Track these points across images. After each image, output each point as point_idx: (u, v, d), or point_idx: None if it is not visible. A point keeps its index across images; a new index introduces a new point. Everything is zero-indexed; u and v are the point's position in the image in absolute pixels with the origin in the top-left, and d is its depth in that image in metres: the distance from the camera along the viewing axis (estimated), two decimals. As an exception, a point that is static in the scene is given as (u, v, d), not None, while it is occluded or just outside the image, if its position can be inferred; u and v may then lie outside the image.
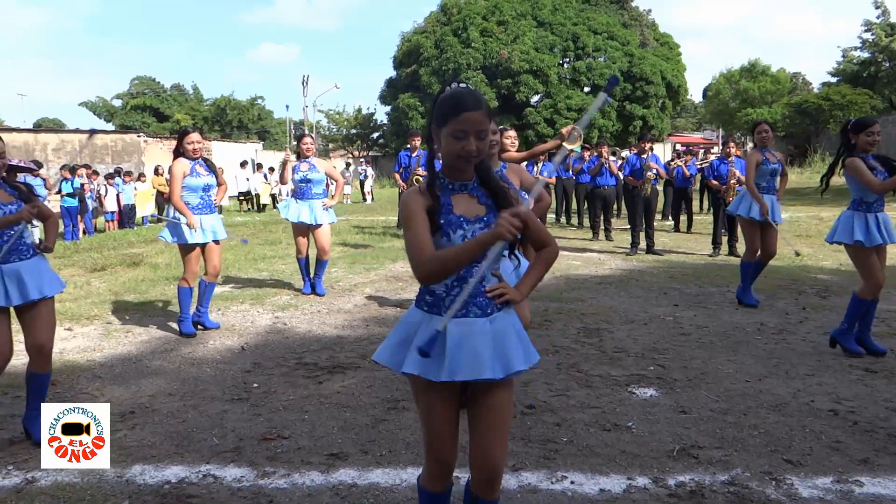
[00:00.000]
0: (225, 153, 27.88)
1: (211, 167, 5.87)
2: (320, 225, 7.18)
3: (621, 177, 11.13)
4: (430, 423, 2.19)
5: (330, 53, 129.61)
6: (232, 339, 5.64)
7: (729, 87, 41.65)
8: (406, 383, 4.44)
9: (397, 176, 10.99)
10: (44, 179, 14.22)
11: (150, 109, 51.92)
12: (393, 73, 42.31)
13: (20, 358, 5.11)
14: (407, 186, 10.53)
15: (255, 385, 4.50)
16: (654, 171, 10.08)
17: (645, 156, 10.10)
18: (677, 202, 13.88)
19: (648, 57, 39.43)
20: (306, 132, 7.66)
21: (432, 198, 2.06)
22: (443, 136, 2.05)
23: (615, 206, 14.48)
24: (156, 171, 20.21)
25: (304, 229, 7.25)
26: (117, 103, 53.65)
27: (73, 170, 15.84)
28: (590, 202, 12.74)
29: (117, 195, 17.23)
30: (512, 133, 4.61)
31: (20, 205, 3.49)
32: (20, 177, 15.75)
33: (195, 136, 5.76)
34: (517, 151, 4.63)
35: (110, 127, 45.73)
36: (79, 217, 15.06)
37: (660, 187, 11.18)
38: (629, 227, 10.65)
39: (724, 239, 10.25)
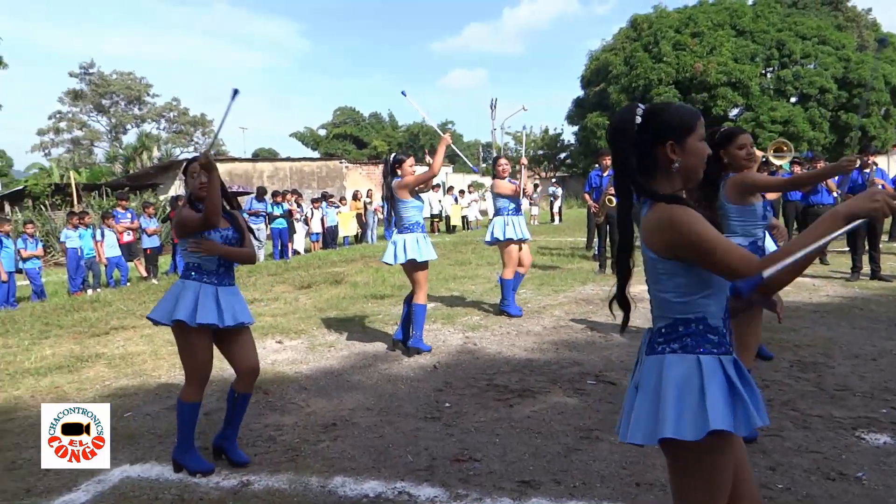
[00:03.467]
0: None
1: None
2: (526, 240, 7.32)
3: (838, 195, 10.06)
4: (724, 491, 1.87)
5: (516, 76, 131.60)
6: (425, 358, 5.78)
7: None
8: (598, 412, 4.28)
9: (587, 197, 10.77)
10: (264, 215, 15.72)
11: (350, 137, 55.83)
12: (580, 93, 41.95)
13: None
14: (598, 207, 10.28)
15: (447, 404, 4.55)
16: (881, 187, 9.00)
17: (868, 170, 9.05)
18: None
19: (868, 61, 35.62)
20: (501, 155, 7.76)
21: (714, 211, 1.95)
22: (690, 144, 1.91)
23: None
24: (354, 196, 21.51)
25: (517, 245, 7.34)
26: (322, 132, 58.29)
27: (283, 195, 17.32)
28: (801, 223, 11.65)
29: (322, 218, 18.59)
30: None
31: (232, 230, 3.67)
32: (246, 200, 17.49)
33: (411, 160, 6.01)
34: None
35: (316, 154, 49.58)
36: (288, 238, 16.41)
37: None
38: (849, 249, 9.57)
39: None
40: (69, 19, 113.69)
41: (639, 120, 1.95)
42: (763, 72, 37.15)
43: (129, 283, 12.40)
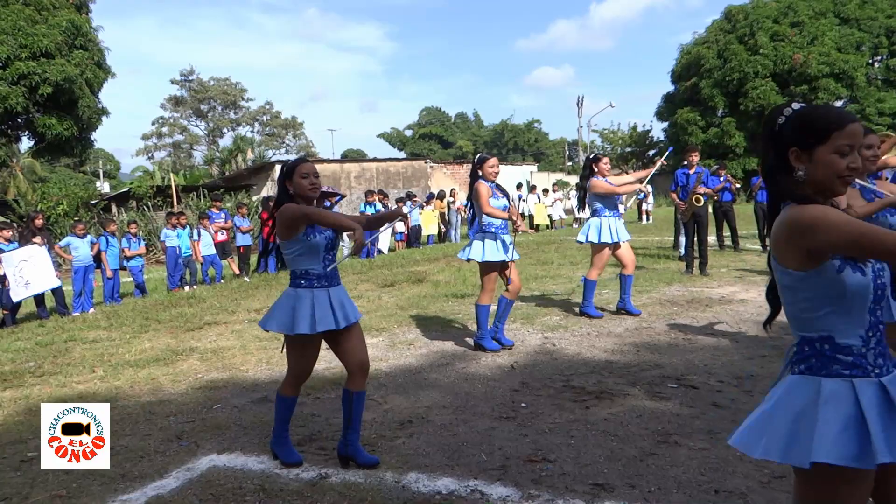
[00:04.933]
0: (501, 175, 29.08)
1: (503, 191, 6.10)
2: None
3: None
4: None
5: (604, 73, 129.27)
6: (502, 358, 5.79)
7: None
8: (678, 416, 4.17)
9: (674, 195, 10.48)
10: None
11: (435, 137, 56.37)
12: (670, 88, 40.77)
13: (318, 362, 5.77)
14: (685, 206, 9.98)
15: (523, 405, 4.55)
16: None
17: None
18: None
19: None
20: (602, 153, 7.64)
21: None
22: (820, 157, 1.78)
23: None
24: (438, 196, 21.70)
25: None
26: (408, 133, 59.12)
27: (374, 194, 17.69)
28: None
29: (407, 216, 18.87)
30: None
31: (332, 231, 3.66)
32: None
33: (495, 161, 6.04)
34: None
35: (402, 155, 50.33)
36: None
37: None
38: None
39: None
40: (171, 30, 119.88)
41: (782, 119, 1.87)
42: (870, 61, 35.05)
43: (222, 281, 12.96)
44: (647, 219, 24.96)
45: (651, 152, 46.18)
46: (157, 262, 19.51)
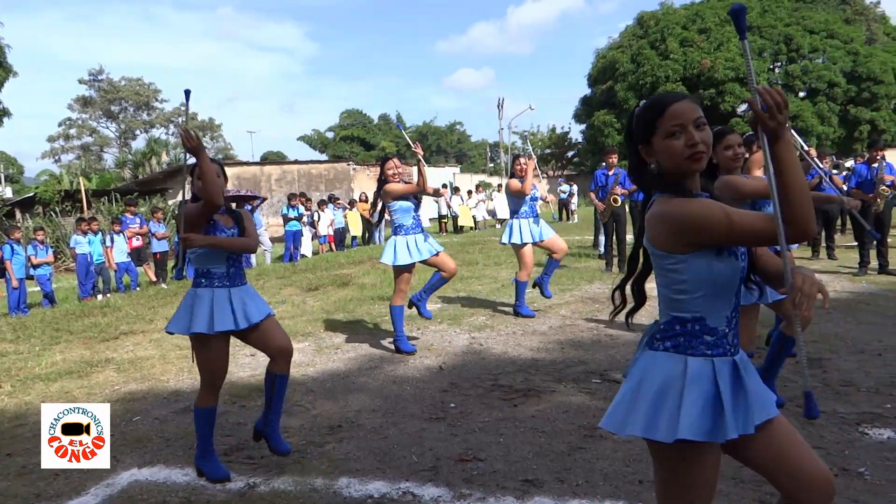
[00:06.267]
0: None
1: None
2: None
3: (844, 188, 9.99)
4: (702, 496, 1.84)
5: (524, 75, 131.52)
6: (430, 359, 5.81)
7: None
8: (602, 410, 4.28)
9: (593, 195, 10.76)
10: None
11: (357, 139, 55.96)
12: (587, 91, 41.90)
13: (243, 370, 5.65)
14: (603, 206, 10.27)
15: (452, 405, 4.58)
16: (890, 182, 8.95)
17: (876, 165, 9.00)
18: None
19: (877, 54, 35.45)
20: (522, 154, 7.78)
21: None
22: (657, 146, 1.86)
23: (839, 222, 13.11)
24: (360, 199, 21.55)
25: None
26: (330, 135, 58.46)
27: (293, 197, 17.40)
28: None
29: (330, 220, 18.65)
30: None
31: (237, 229, 3.66)
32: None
33: (391, 163, 6.07)
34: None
35: (323, 157, 49.74)
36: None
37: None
38: (856, 244, 9.52)
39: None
40: (78, 27, 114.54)
41: (632, 119, 1.96)
42: (771, 67, 37.03)
43: (138, 288, 12.49)
44: (572, 218, 25.50)
45: (570, 153, 47.35)
46: (66, 270, 18.61)
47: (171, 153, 38.60)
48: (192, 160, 3.38)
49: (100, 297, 11.82)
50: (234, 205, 3.95)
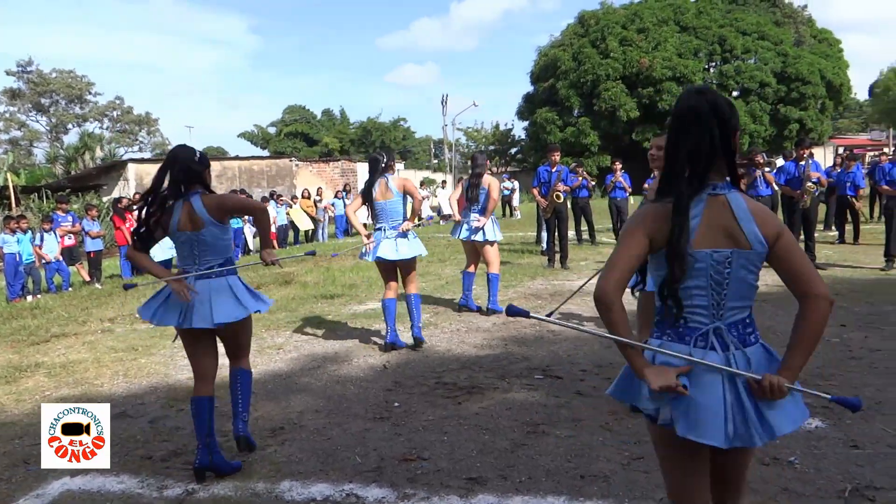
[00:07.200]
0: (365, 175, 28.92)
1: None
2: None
3: (776, 187, 10.36)
4: (680, 480, 2.04)
5: (467, 72, 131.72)
6: (375, 358, 5.78)
7: (900, 83, 38.03)
8: (545, 406, 4.35)
9: (536, 192, 10.88)
10: None
11: (301, 135, 55.17)
12: (530, 88, 42.30)
13: (181, 372, 5.51)
14: (546, 203, 10.39)
15: (396, 404, 4.56)
16: (816, 179, 9.32)
17: (803, 163, 9.36)
18: (841, 210, 12.75)
19: (804, 55, 36.85)
20: (479, 152, 7.88)
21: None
22: (735, 140, 1.97)
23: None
24: (302, 195, 21.25)
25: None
26: (272, 130, 57.49)
27: (241, 194, 17.08)
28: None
29: (272, 217, 18.37)
30: None
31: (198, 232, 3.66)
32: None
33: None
34: None
35: (265, 153, 48.90)
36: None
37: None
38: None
39: (900, 251, 9.24)
40: (5, 14, 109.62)
41: None
42: (706, 66, 38.06)
43: (70, 289, 12.05)
44: (514, 214, 25.71)
45: (513, 150, 47.78)
46: (-7, 270, 17.79)
47: (106, 148, 37.36)
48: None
49: (29, 298, 11.35)
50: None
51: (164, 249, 10.44)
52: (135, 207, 3.95)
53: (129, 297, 9.69)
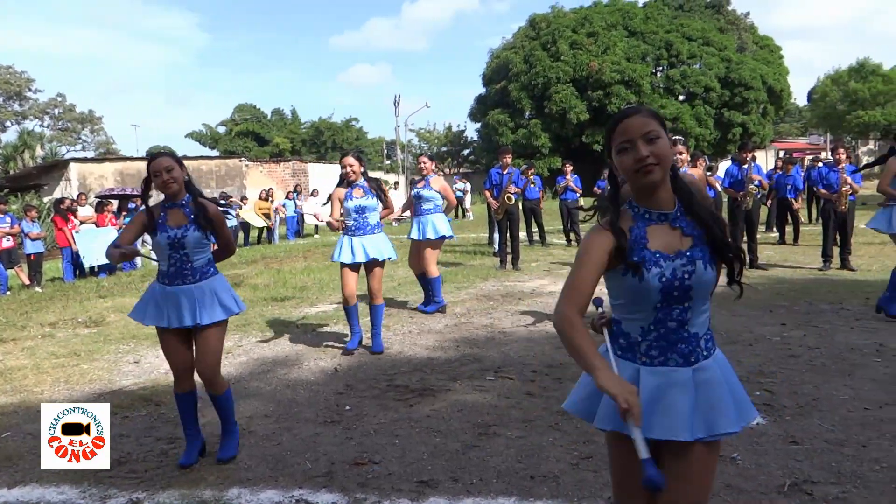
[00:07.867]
0: (321, 174, 28.74)
1: (374, 190, 6.02)
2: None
3: (719, 189, 10.64)
4: (622, 480, 2.01)
5: (420, 73, 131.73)
6: (326, 361, 5.73)
7: (837, 89, 39.50)
8: (496, 407, 4.38)
9: (488, 193, 10.95)
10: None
11: (251, 135, 54.34)
12: (482, 90, 42.53)
13: (125, 378, 5.38)
14: (497, 204, 10.47)
15: (348, 408, 4.54)
16: (757, 182, 9.61)
17: (746, 166, 9.64)
18: (782, 212, 13.18)
19: (747, 61, 37.99)
20: (423, 152, 8.05)
21: (618, 234, 1.85)
22: (615, 162, 1.90)
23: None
24: (260, 196, 20.88)
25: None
26: (222, 130, 56.48)
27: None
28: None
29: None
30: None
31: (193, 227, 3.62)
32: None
33: (345, 160, 5.96)
34: None
35: (215, 153, 48.04)
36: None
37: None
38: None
39: (836, 251, 9.61)
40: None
41: None
42: (653, 71, 38.88)
43: (8, 293, 11.62)
44: (467, 216, 25.82)
45: (465, 151, 47.97)
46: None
47: (47, 147, 36.19)
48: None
49: (-36, 302, 10.90)
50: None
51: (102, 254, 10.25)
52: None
53: (70, 300, 9.41)
